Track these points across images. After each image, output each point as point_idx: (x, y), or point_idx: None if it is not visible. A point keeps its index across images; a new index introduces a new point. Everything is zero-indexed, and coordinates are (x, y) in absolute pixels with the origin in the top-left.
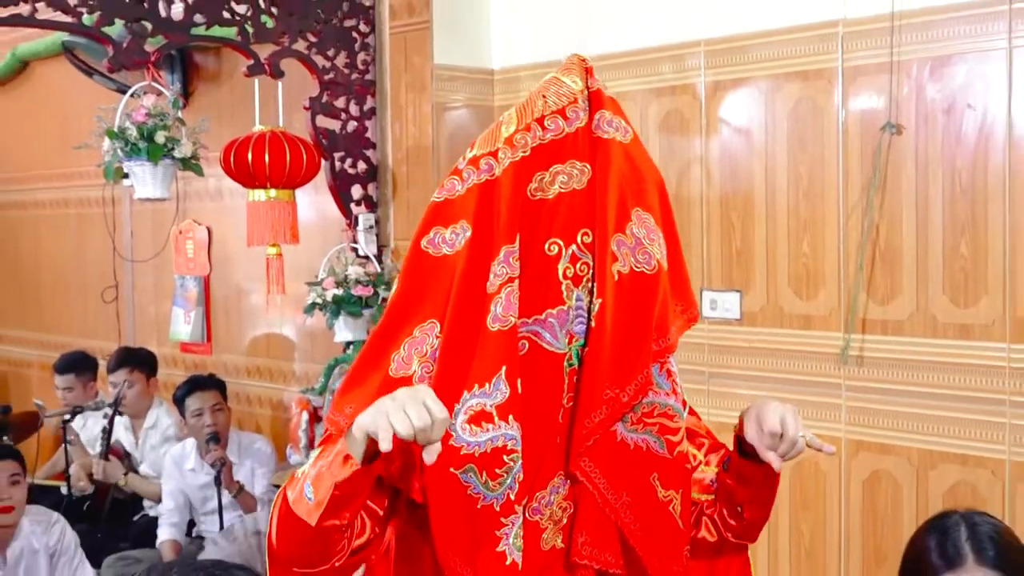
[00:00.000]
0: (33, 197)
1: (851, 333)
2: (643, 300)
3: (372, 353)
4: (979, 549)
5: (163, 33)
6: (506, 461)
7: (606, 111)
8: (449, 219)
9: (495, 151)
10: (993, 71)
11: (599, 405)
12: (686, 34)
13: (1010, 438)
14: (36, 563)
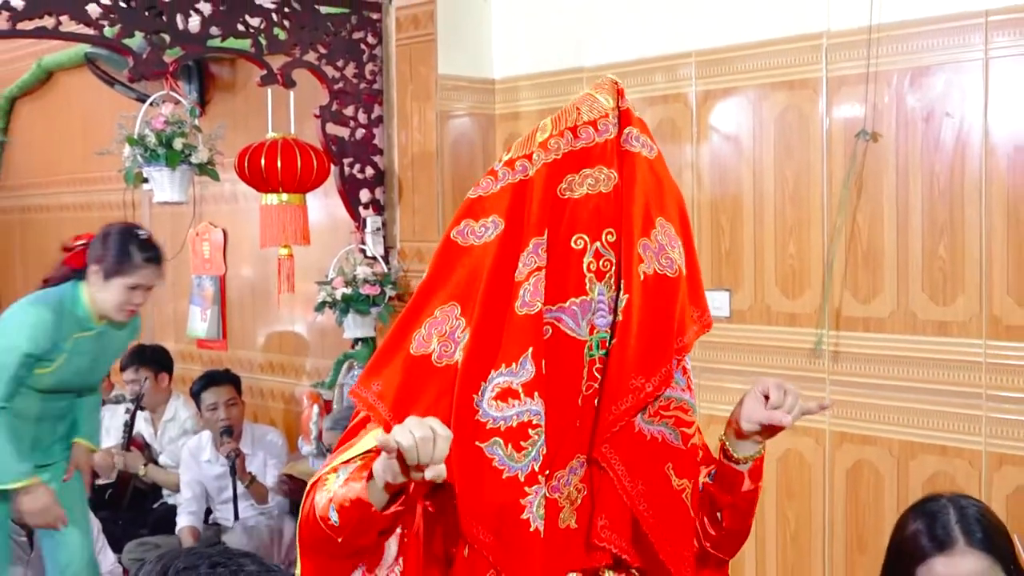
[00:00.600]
0: (57, 200)
1: (827, 329)
2: (666, 299)
3: (396, 333)
4: (968, 532)
5: (181, 45)
6: (531, 435)
7: (634, 128)
8: (480, 213)
9: (529, 154)
10: (970, 81)
11: (625, 393)
12: (678, 46)
13: (986, 430)
14: None
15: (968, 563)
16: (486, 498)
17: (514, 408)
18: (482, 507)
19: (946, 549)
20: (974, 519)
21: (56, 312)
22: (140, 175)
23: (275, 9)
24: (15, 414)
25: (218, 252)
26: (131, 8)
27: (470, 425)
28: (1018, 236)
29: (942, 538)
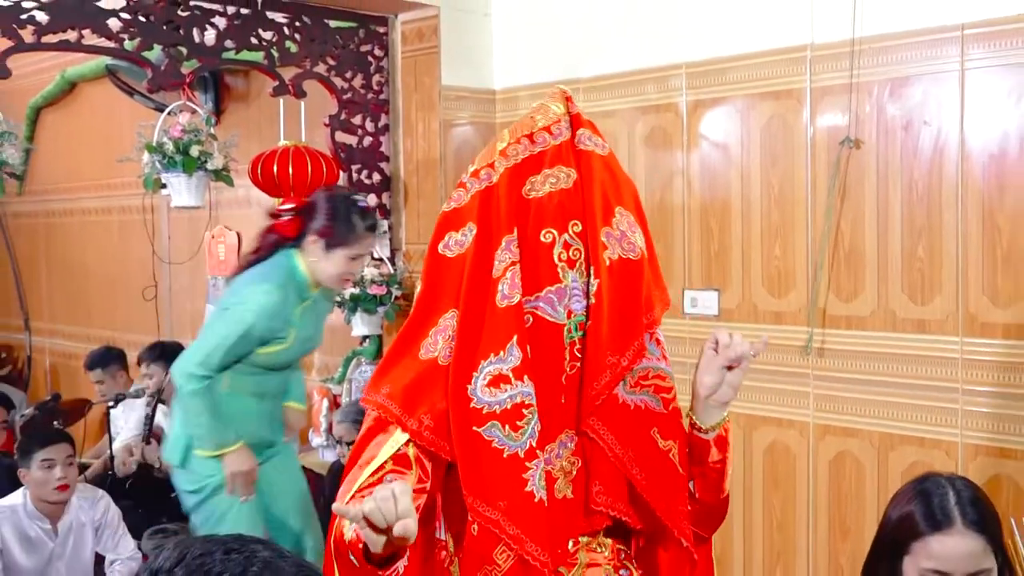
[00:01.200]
0: (80, 205)
1: (814, 327)
2: (632, 280)
3: (403, 342)
4: (965, 512)
5: (197, 57)
6: (525, 414)
7: (586, 129)
8: (458, 224)
9: (492, 163)
10: (947, 91)
11: (603, 370)
12: (669, 58)
13: (962, 422)
14: (83, 535)
15: (964, 543)
16: (491, 477)
17: (507, 392)
18: (487, 486)
19: (943, 528)
20: (970, 501)
21: (283, 288)
22: (159, 181)
23: (287, 23)
24: (238, 393)
25: (233, 254)
26: (150, 22)
27: (466, 413)
28: (992, 238)
29: (939, 517)
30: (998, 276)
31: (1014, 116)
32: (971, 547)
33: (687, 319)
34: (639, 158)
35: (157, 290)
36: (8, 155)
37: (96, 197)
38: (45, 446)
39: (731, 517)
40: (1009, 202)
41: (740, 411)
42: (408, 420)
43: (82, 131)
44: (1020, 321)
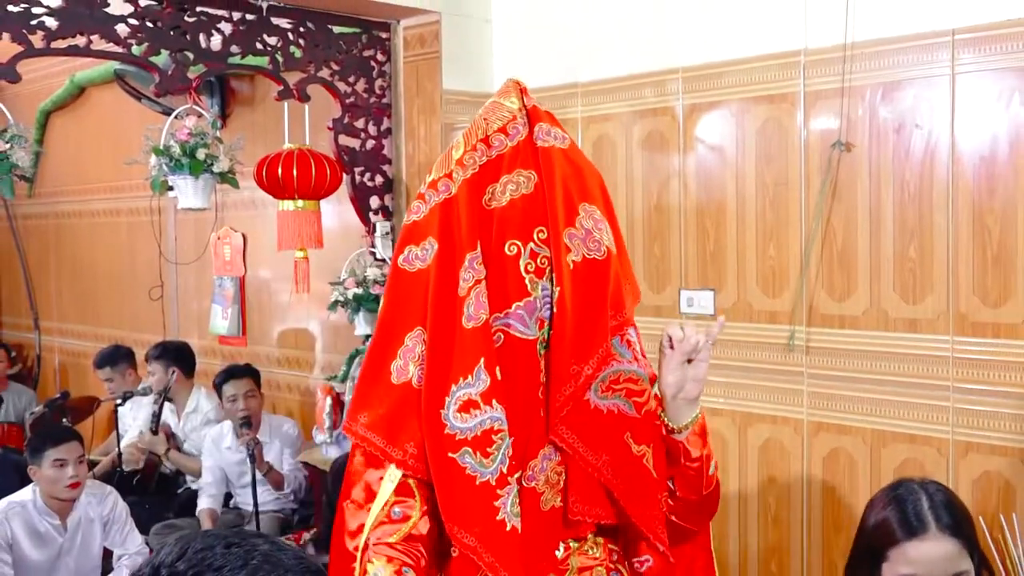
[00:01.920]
0: (89, 207)
1: (801, 325)
2: (597, 283)
3: (373, 366)
4: (938, 517)
5: (203, 62)
6: (495, 440)
7: (543, 123)
8: (419, 237)
9: (449, 173)
10: (938, 95)
11: (567, 380)
12: (666, 62)
13: (953, 420)
14: (92, 530)
15: (939, 547)
16: (463, 503)
17: (476, 418)
18: (462, 512)
19: (918, 534)
20: (943, 505)
21: None
22: (165, 183)
23: (291, 29)
24: None
25: (238, 255)
26: (157, 28)
27: (441, 439)
28: (982, 239)
29: (914, 523)
30: (988, 276)
31: (1003, 119)
32: (946, 551)
33: (683, 319)
34: (636, 160)
35: (164, 290)
36: (18, 158)
37: (104, 199)
38: (57, 445)
39: (726, 512)
40: (999, 204)
41: (735, 408)
42: (392, 451)
43: (91, 134)
44: (1009, 320)
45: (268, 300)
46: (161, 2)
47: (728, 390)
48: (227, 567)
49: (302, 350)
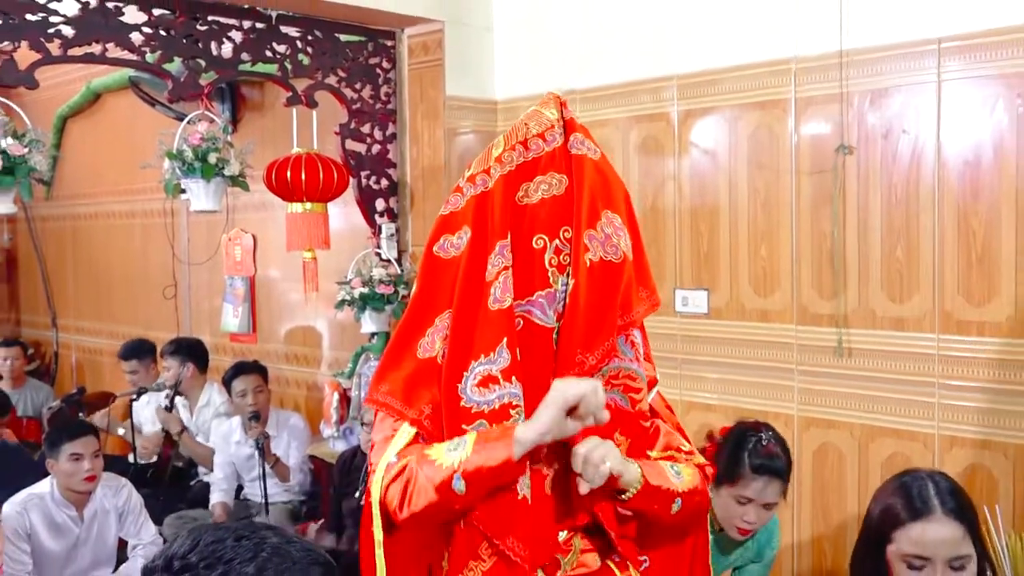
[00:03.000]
0: (105, 209)
1: (792, 324)
2: (609, 283)
3: (401, 342)
4: (944, 502)
5: (215, 69)
6: (512, 414)
7: (579, 134)
8: (454, 227)
9: (487, 168)
10: (924, 101)
11: (572, 367)
12: (661, 70)
13: (939, 415)
14: (107, 521)
15: (944, 529)
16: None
17: (495, 392)
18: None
19: (924, 516)
20: (949, 491)
21: None
22: (178, 186)
23: (299, 37)
24: None
25: (248, 255)
26: (170, 36)
27: (456, 411)
28: (967, 241)
29: (919, 506)
30: (973, 276)
31: (988, 125)
32: (950, 533)
33: (678, 317)
34: (633, 165)
35: (177, 289)
36: (36, 161)
37: (119, 201)
38: (73, 439)
39: None
40: (983, 207)
41: (728, 404)
42: (408, 411)
43: (106, 139)
44: (993, 319)
45: (277, 299)
46: (174, 11)
47: (721, 386)
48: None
49: (310, 347)
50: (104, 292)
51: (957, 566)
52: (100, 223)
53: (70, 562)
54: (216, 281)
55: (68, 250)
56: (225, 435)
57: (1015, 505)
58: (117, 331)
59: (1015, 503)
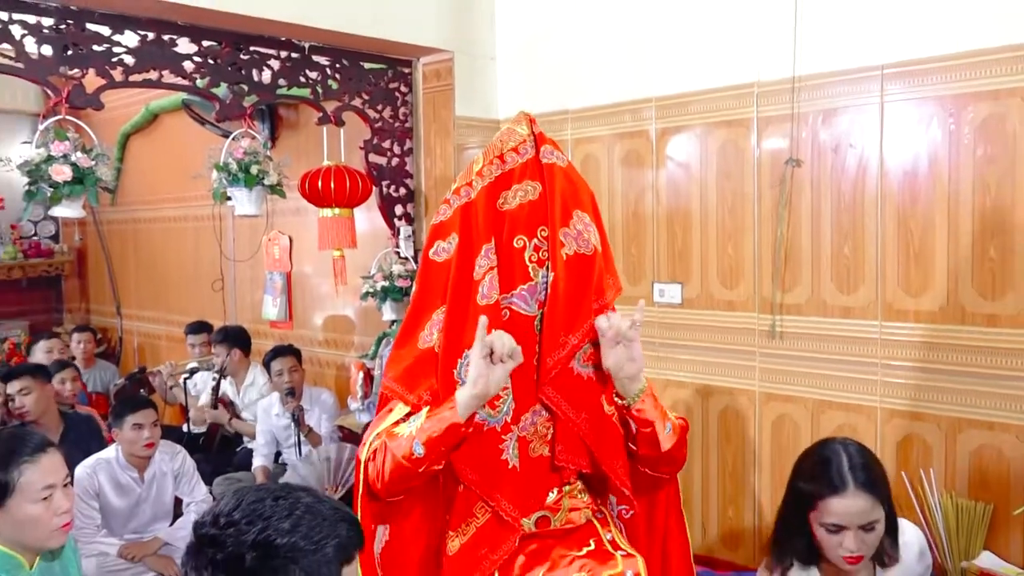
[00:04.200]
0: (161, 214)
1: (754, 312)
2: (584, 273)
3: (405, 335)
4: (856, 476)
5: (256, 92)
6: (501, 395)
7: (548, 145)
8: (444, 234)
9: (470, 182)
10: (869, 120)
11: (556, 348)
12: (641, 93)
13: (881, 391)
14: (165, 482)
15: (857, 502)
16: (472, 446)
17: None
18: (469, 453)
19: (840, 491)
20: (861, 467)
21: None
22: (225, 194)
23: (328, 65)
24: None
25: (286, 254)
26: (218, 64)
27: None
28: (906, 240)
29: (836, 482)
30: (911, 270)
31: (924, 141)
32: (862, 505)
33: (656, 307)
34: (616, 176)
35: (224, 283)
36: (102, 173)
37: (174, 207)
38: (135, 411)
39: (691, 466)
40: (920, 210)
41: (699, 381)
42: (409, 396)
43: (163, 153)
44: (928, 308)
45: (311, 291)
46: (220, 43)
47: (692, 367)
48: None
49: (339, 333)
50: (161, 285)
51: (868, 528)
52: (158, 226)
53: (133, 517)
54: (258, 276)
55: (130, 249)
56: (266, 408)
57: (946, 468)
58: (173, 319)
59: (946, 466)
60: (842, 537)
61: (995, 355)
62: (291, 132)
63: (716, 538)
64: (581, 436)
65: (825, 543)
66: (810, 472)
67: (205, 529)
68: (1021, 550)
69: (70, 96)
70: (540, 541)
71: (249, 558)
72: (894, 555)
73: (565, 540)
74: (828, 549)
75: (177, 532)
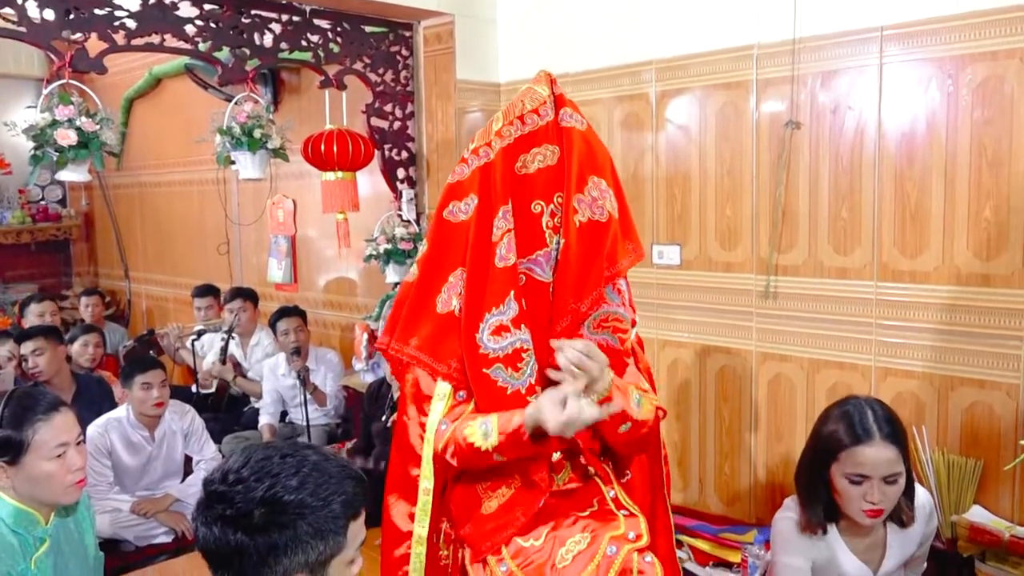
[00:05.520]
0: (167, 178)
1: (751, 273)
2: (597, 240)
3: (420, 300)
4: (881, 427)
5: (258, 57)
6: (523, 356)
7: (568, 108)
8: (461, 194)
9: (489, 142)
10: (868, 81)
11: (565, 314)
12: (641, 56)
13: (875, 350)
14: (175, 440)
15: (882, 452)
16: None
17: (507, 339)
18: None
19: (864, 441)
20: (885, 419)
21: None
22: (228, 158)
23: (330, 29)
24: None
25: (290, 217)
26: (220, 28)
27: (477, 358)
28: (903, 202)
29: (860, 432)
30: (907, 232)
31: (922, 102)
32: (887, 455)
33: (655, 268)
34: (616, 138)
35: (229, 246)
36: (106, 137)
37: (179, 171)
38: (144, 372)
39: (689, 424)
40: (917, 172)
41: (697, 341)
42: (439, 366)
43: (166, 118)
44: (923, 269)
45: (315, 254)
46: (222, 6)
47: (690, 327)
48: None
49: (343, 295)
50: (168, 249)
51: (891, 481)
52: (163, 190)
53: (144, 475)
54: (262, 239)
55: (137, 213)
56: (272, 368)
57: (938, 426)
58: (180, 282)
59: (938, 424)
60: (865, 488)
61: (989, 315)
62: (293, 96)
63: (713, 494)
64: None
65: (846, 495)
66: (835, 424)
67: (215, 486)
68: (1010, 504)
69: (73, 60)
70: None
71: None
72: (911, 514)
73: (569, 499)
74: (849, 502)
75: (188, 489)
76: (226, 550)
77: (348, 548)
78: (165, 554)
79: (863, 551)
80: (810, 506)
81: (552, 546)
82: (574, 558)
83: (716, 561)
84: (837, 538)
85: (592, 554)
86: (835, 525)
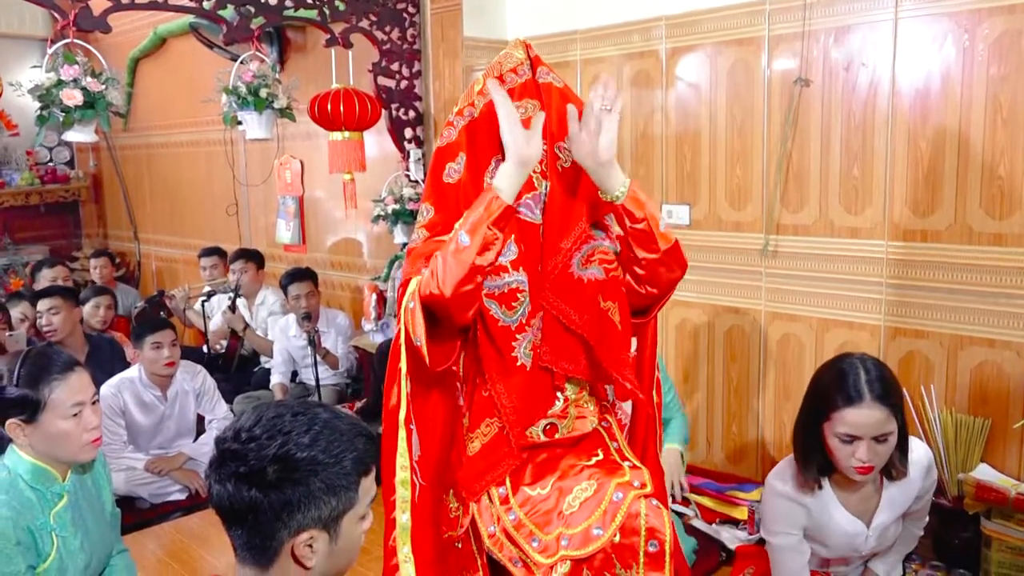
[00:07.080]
0: (174, 139)
1: (761, 233)
2: (577, 181)
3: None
4: (872, 388)
5: (263, 14)
6: (518, 297)
7: (544, 67)
8: (452, 155)
9: (472, 102)
10: (881, 38)
11: (556, 253)
12: (651, 11)
13: (885, 310)
14: (187, 400)
15: (872, 413)
16: (491, 341)
17: (504, 279)
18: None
19: (855, 403)
20: (877, 379)
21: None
22: (235, 118)
23: None
24: None
25: (297, 178)
26: None
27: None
28: (916, 160)
29: (852, 394)
30: (919, 191)
31: (938, 59)
32: (877, 416)
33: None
34: (626, 96)
35: (238, 207)
36: (113, 97)
37: (186, 132)
38: (154, 332)
39: (697, 383)
40: (930, 130)
41: (705, 302)
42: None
43: (172, 78)
44: (935, 228)
45: (323, 215)
46: None
47: (700, 287)
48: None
49: (351, 256)
50: (177, 210)
51: (881, 440)
52: (171, 151)
53: (158, 434)
54: (270, 200)
55: (144, 174)
56: (283, 328)
57: (947, 385)
58: (189, 243)
59: (947, 383)
60: (855, 447)
61: (1000, 274)
62: (299, 55)
63: (720, 453)
64: (584, 336)
65: (838, 453)
66: (827, 384)
67: (227, 444)
68: (1017, 462)
69: (77, 19)
70: (549, 451)
71: (271, 471)
72: (902, 469)
73: (574, 450)
74: (840, 459)
75: (200, 447)
76: (240, 506)
77: (359, 504)
78: (180, 511)
79: (855, 504)
80: (805, 464)
81: (559, 495)
82: (581, 504)
83: (723, 518)
84: (830, 493)
85: (599, 500)
86: (828, 479)
